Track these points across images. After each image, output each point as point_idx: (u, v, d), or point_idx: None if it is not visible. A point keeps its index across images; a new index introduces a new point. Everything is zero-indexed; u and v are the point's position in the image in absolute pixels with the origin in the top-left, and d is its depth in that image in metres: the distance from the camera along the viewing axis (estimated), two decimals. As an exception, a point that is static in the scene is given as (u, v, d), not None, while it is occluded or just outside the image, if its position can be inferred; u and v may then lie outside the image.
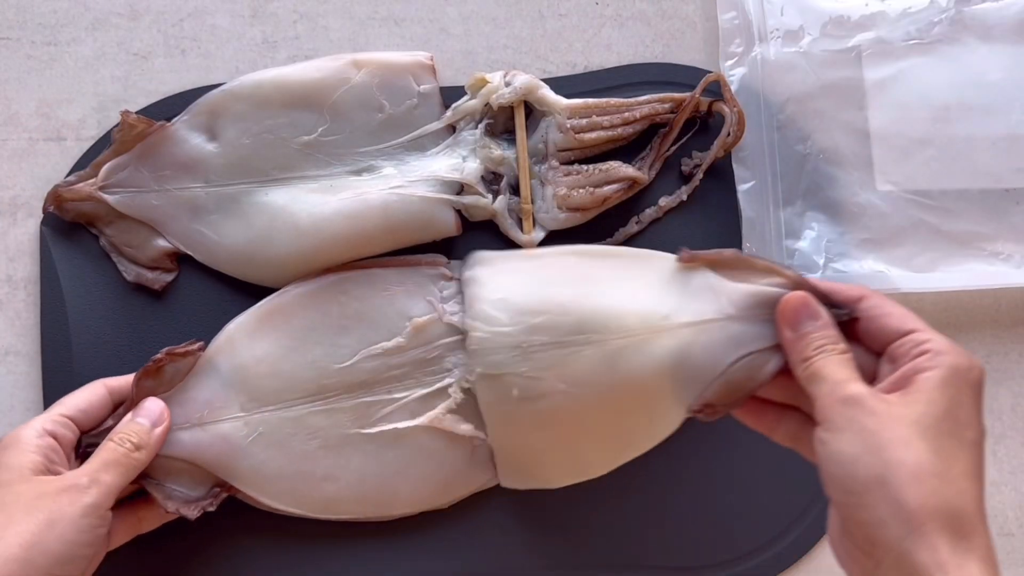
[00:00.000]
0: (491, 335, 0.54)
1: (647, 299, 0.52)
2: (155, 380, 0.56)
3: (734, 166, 0.62)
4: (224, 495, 0.57)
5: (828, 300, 0.47)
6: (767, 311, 0.49)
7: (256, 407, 0.57)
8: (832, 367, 0.44)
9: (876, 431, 0.40)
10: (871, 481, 0.39)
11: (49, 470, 0.50)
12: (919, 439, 0.40)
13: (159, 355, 0.55)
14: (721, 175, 0.63)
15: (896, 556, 0.39)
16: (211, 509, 0.56)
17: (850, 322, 0.46)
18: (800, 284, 0.48)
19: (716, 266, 0.51)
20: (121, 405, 0.55)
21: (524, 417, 0.54)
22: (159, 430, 0.53)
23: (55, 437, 0.51)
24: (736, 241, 0.62)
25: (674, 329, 0.51)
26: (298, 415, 0.57)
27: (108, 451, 0.51)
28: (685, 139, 0.62)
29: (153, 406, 0.54)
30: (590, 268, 0.56)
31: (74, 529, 0.47)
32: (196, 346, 0.56)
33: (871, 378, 0.45)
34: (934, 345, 0.42)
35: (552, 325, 0.53)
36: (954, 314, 0.64)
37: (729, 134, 0.61)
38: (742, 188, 0.62)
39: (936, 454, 0.40)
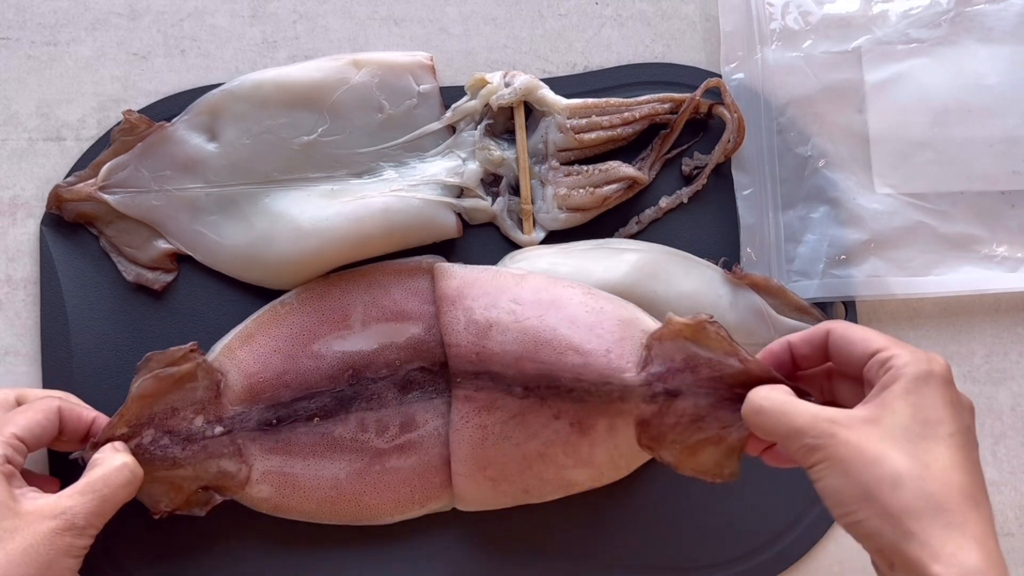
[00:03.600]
0: None
1: (710, 309, 0.58)
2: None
3: (733, 172, 0.62)
4: (219, 500, 0.57)
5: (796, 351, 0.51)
6: None
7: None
8: (799, 415, 0.46)
9: (851, 458, 0.43)
10: (859, 500, 0.43)
11: (14, 499, 0.48)
12: (892, 450, 0.43)
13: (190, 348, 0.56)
14: (721, 176, 0.63)
15: (899, 558, 0.42)
16: (200, 515, 0.56)
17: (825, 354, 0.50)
18: (818, 317, 0.60)
19: (760, 288, 0.59)
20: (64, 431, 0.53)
21: None
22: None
23: (11, 463, 0.49)
24: (735, 243, 0.62)
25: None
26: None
27: (107, 489, 0.50)
28: (687, 145, 0.62)
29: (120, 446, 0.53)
30: (645, 265, 0.58)
31: (65, 568, 0.47)
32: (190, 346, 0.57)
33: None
34: (895, 360, 0.45)
35: None
36: (954, 314, 0.64)
37: (729, 140, 0.61)
38: (741, 194, 0.62)
39: (911, 458, 0.43)
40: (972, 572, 0.40)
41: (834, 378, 0.50)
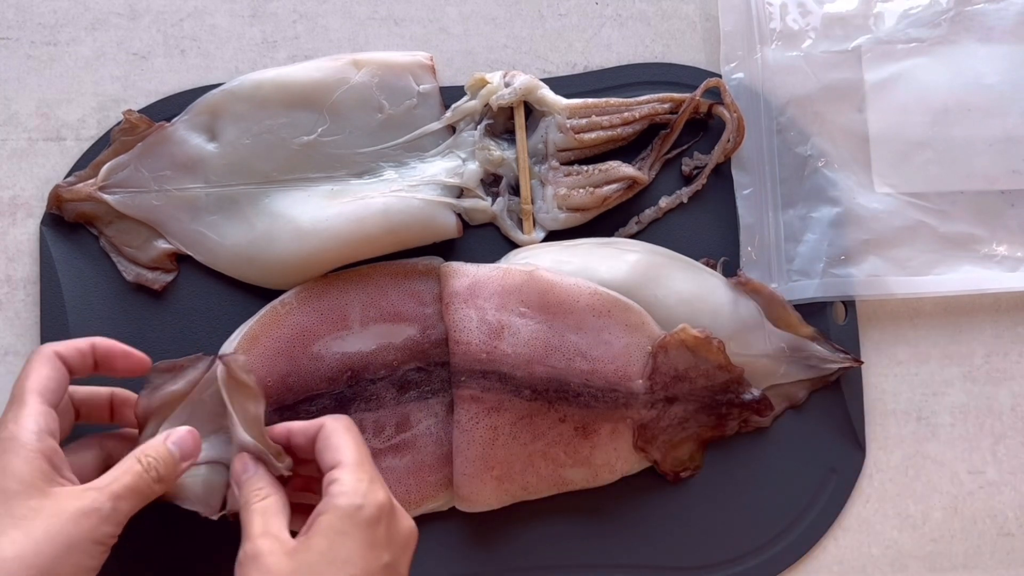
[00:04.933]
0: None
1: (709, 316, 0.58)
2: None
3: (733, 172, 0.62)
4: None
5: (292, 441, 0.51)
6: (795, 354, 0.60)
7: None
8: (251, 519, 0.47)
9: None
10: None
11: (58, 475, 0.46)
12: None
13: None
14: (721, 176, 0.63)
15: None
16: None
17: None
18: (814, 335, 0.61)
19: (762, 296, 0.60)
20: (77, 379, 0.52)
21: None
22: (185, 465, 0.50)
23: (52, 435, 0.47)
24: (735, 243, 0.62)
25: (731, 354, 0.58)
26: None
27: (133, 475, 0.48)
28: (687, 146, 0.62)
29: (188, 437, 0.51)
30: (649, 268, 0.59)
31: (88, 556, 0.45)
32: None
33: None
34: (336, 486, 0.47)
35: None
36: (954, 314, 0.64)
37: (729, 140, 0.61)
38: (741, 194, 0.62)
39: None
40: None
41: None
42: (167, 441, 0.50)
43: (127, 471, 0.48)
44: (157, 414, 0.54)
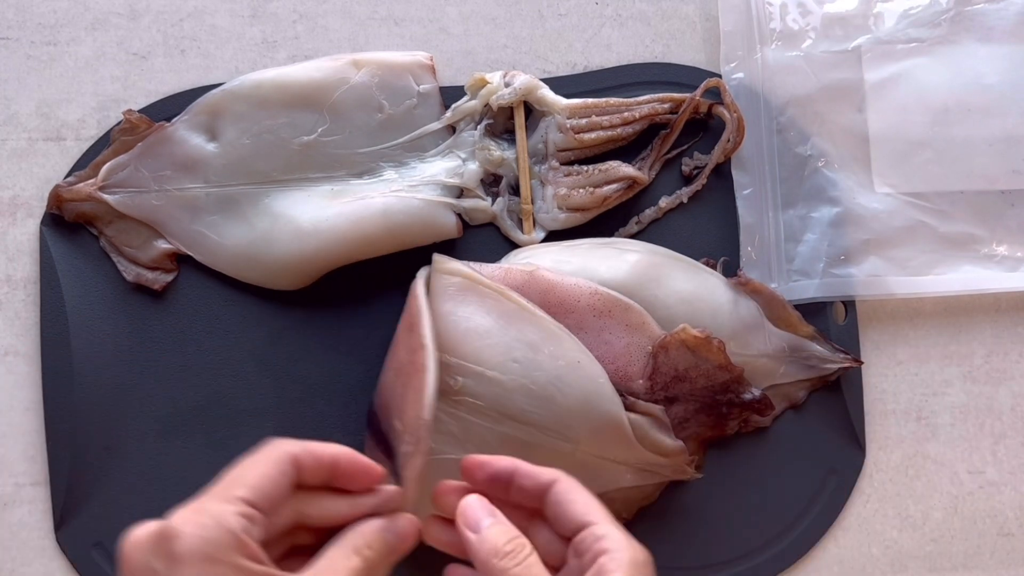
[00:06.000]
0: None
1: (709, 316, 0.58)
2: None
3: (733, 172, 0.62)
4: None
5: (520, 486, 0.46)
6: (796, 354, 0.60)
7: None
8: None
9: None
10: None
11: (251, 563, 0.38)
12: None
13: None
14: (721, 176, 0.63)
15: None
16: None
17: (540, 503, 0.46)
18: (813, 335, 0.60)
19: (762, 296, 0.60)
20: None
21: None
22: (393, 559, 0.43)
23: (251, 536, 0.39)
24: (735, 243, 0.62)
25: (731, 354, 0.58)
26: None
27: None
28: (687, 146, 0.62)
29: (410, 528, 0.44)
30: (649, 268, 0.58)
31: None
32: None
33: (560, 562, 0.45)
34: (611, 543, 0.42)
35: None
36: (954, 314, 0.64)
37: (729, 140, 0.61)
38: (741, 194, 0.62)
39: None
40: None
41: (536, 523, 0.46)
42: (385, 531, 0.43)
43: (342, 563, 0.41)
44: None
